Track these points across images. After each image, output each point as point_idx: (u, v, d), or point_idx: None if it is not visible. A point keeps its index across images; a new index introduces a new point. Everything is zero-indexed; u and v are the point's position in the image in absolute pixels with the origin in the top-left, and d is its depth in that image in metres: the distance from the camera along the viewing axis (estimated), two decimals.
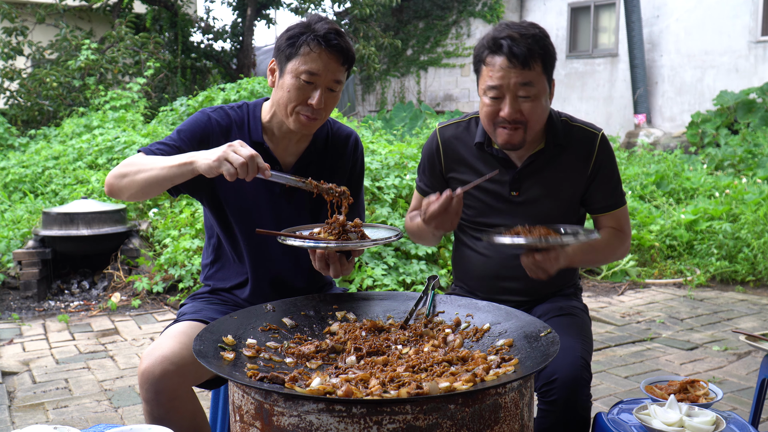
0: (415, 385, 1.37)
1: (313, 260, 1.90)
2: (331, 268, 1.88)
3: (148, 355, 1.82)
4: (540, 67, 2.03)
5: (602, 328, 4.55)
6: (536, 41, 2.02)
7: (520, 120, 2.04)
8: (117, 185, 1.90)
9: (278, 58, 2.02)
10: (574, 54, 13.92)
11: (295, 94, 1.96)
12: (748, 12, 11.64)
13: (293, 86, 1.96)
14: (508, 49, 2.00)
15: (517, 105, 2.03)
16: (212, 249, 2.22)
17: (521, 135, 2.07)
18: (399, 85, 15.73)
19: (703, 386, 1.94)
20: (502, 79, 2.01)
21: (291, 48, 1.96)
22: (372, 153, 5.98)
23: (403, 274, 5.07)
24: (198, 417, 1.92)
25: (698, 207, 6.64)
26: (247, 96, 7.85)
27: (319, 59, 1.94)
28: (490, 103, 2.06)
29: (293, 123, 2.01)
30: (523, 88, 2.02)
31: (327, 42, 1.94)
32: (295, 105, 1.97)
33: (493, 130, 2.09)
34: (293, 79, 1.96)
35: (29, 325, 4.66)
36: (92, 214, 5.22)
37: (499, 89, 2.03)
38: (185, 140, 2.03)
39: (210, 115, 2.09)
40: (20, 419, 3.20)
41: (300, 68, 1.94)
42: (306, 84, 1.96)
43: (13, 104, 10.10)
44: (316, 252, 1.87)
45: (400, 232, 1.89)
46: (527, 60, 2.00)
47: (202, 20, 14.19)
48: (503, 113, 2.04)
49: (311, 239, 1.80)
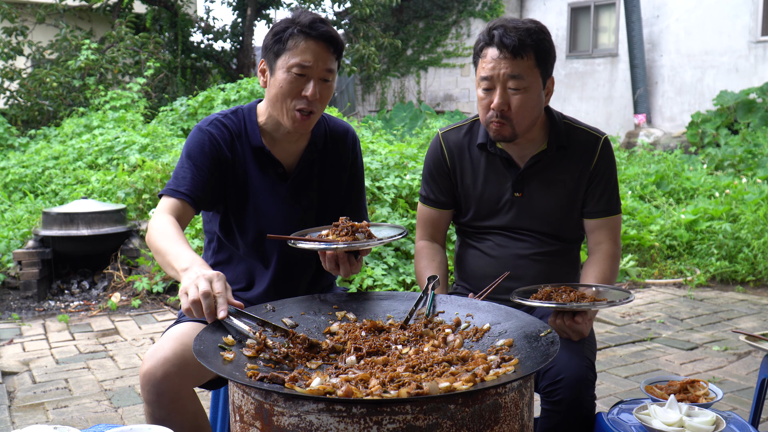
0: (415, 385, 1.37)
1: (323, 261, 1.91)
2: (341, 268, 1.90)
3: (150, 356, 1.82)
4: (532, 61, 2.03)
5: (602, 328, 4.55)
6: (529, 34, 2.02)
7: (506, 114, 2.05)
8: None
9: (267, 57, 2.01)
10: (574, 54, 13.92)
11: (288, 88, 1.95)
12: (748, 12, 11.64)
13: (286, 81, 1.94)
14: (499, 39, 2.01)
15: (506, 96, 2.04)
16: (212, 252, 2.22)
17: (509, 129, 2.07)
18: (399, 85, 15.73)
19: (703, 386, 1.94)
20: (492, 70, 2.03)
21: (278, 44, 1.95)
22: (372, 153, 5.98)
23: (403, 274, 5.07)
24: (199, 417, 1.92)
25: (698, 207, 6.65)
26: (247, 96, 7.85)
27: (308, 50, 1.93)
28: (483, 95, 2.08)
29: (289, 122, 2.00)
30: (512, 79, 2.02)
31: (314, 31, 1.93)
32: (291, 100, 1.96)
33: (487, 124, 2.11)
34: (285, 73, 1.94)
35: (29, 325, 4.66)
36: (92, 214, 5.23)
37: (490, 80, 2.04)
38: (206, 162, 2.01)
39: (209, 131, 2.06)
40: (20, 419, 3.20)
41: (290, 62, 1.93)
42: (298, 77, 1.94)
43: (13, 104, 10.11)
44: (326, 254, 1.89)
45: (405, 230, 1.92)
46: (517, 50, 2.00)
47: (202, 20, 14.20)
48: (493, 104, 2.05)
49: (321, 241, 1.83)
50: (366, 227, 1.87)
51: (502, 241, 2.22)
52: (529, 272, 2.18)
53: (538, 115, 2.12)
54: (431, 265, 2.25)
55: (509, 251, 2.20)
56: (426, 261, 2.27)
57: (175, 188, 1.98)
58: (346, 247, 1.79)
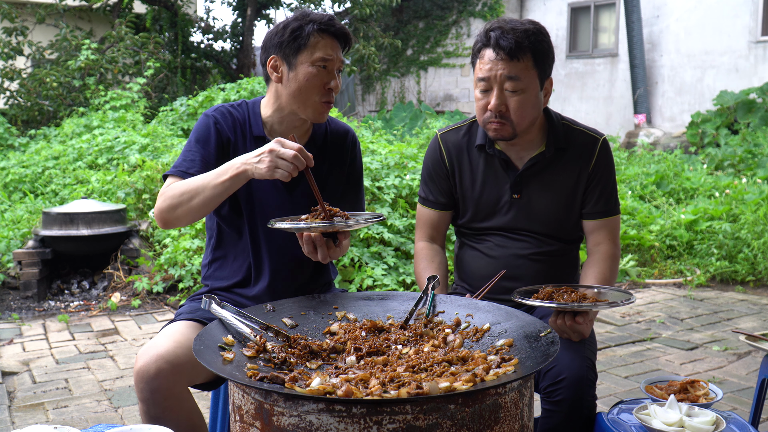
0: (415, 385, 1.37)
1: (302, 245, 1.95)
2: (318, 252, 1.93)
3: (143, 353, 1.83)
4: (530, 62, 2.03)
5: (602, 328, 4.55)
6: (527, 35, 2.02)
7: (504, 114, 2.06)
8: (172, 218, 1.95)
9: (282, 53, 2.06)
10: (574, 54, 13.92)
11: (315, 82, 2.05)
12: (748, 12, 11.64)
13: (311, 75, 2.04)
14: (495, 40, 2.02)
15: (503, 98, 2.05)
16: (211, 249, 2.24)
17: (509, 129, 2.08)
18: (399, 85, 15.73)
19: (703, 386, 1.94)
20: (489, 71, 2.04)
21: (297, 40, 2.04)
22: (372, 153, 5.98)
23: (403, 274, 5.07)
24: (194, 417, 1.92)
25: (698, 207, 6.65)
26: (247, 96, 7.85)
27: (328, 45, 2.05)
28: (480, 96, 2.09)
29: (312, 113, 2.09)
30: (509, 81, 2.03)
31: (332, 27, 2.06)
32: (317, 92, 2.05)
33: (484, 124, 2.12)
34: (310, 67, 2.04)
35: (29, 325, 4.66)
36: (92, 214, 5.23)
37: (487, 81, 2.05)
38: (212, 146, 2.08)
39: (214, 116, 2.14)
40: (20, 419, 3.20)
41: (315, 56, 2.03)
42: (322, 69, 2.05)
43: (13, 104, 10.11)
44: (304, 236, 1.93)
45: (382, 216, 1.94)
46: (514, 52, 2.00)
47: (202, 20, 14.19)
48: (490, 105, 2.06)
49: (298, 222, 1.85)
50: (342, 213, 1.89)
51: (501, 242, 2.22)
52: (528, 272, 2.18)
53: (537, 116, 2.13)
54: (431, 265, 2.25)
55: (508, 251, 2.20)
56: (426, 262, 2.27)
57: (186, 170, 2.02)
58: (321, 227, 1.82)
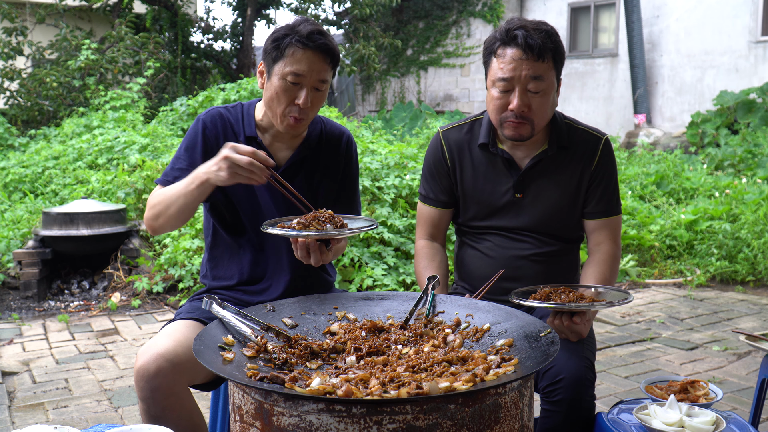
0: (415, 385, 1.37)
1: (295, 249, 1.95)
2: (311, 257, 1.94)
3: (144, 352, 1.84)
4: (551, 62, 2.05)
5: (602, 328, 4.55)
6: (549, 36, 2.04)
7: (526, 115, 2.05)
8: (156, 225, 2.03)
9: (266, 60, 2.07)
10: (574, 54, 13.92)
11: (283, 96, 2.02)
12: (748, 12, 11.64)
13: (280, 88, 2.02)
14: (524, 39, 2.00)
15: (526, 99, 2.04)
16: (208, 248, 2.26)
17: (528, 129, 2.08)
18: (399, 85, 15.73)
19: (703, 386, 1.94)
20: (513, 71, 2.02)
21: (276, 50, 2.02)
22: (372, 153, 5.98)
23: (403, 274, 5.07)
24: (195, 416, 1.92)
25: (698, 207, 6.65)
26: (247, 96, 7.85)
27: (303, 59, 1.99)
28: (499, 95, 2.06)
29: (282, 126, 2.08)
30: (533, 81, 2.02)
31: (311, 42, 2.00)
32: (284, 107, 2.03)
33: (501, 124, 2.10)
34: (280, 80, 2.01)
35: (29, 325, 4.66)
36: (92, 214, 5.23)
37: (510, 81, 2.03)
38: (198, 153, 2.10)
39: (204, 121, 2.15)
40: (20, 419, 3.20)
41: (285, 70, 2.00)
42: (292, 85, 2.01)
43: (13, 104, 10.11)
44: (297, 242, 1.93)
45: (375, 223, 1.95)
46: (542, 52, 2.01)
47: (202, 20, 14.19)
48: (512, 105, 2.04)
49: (293, 229, 1.86)
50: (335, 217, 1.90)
51: (501, 242, 2.22)
52: (528, 273, 2.18)
53: (551, 115, 2.13)
54: (431, 265, 2.25)
55: (508, 252, 2.20)
56: (426, 261, 2.27)
57: (172, 179, 2.06)
58: (316, 235, 1.82)
